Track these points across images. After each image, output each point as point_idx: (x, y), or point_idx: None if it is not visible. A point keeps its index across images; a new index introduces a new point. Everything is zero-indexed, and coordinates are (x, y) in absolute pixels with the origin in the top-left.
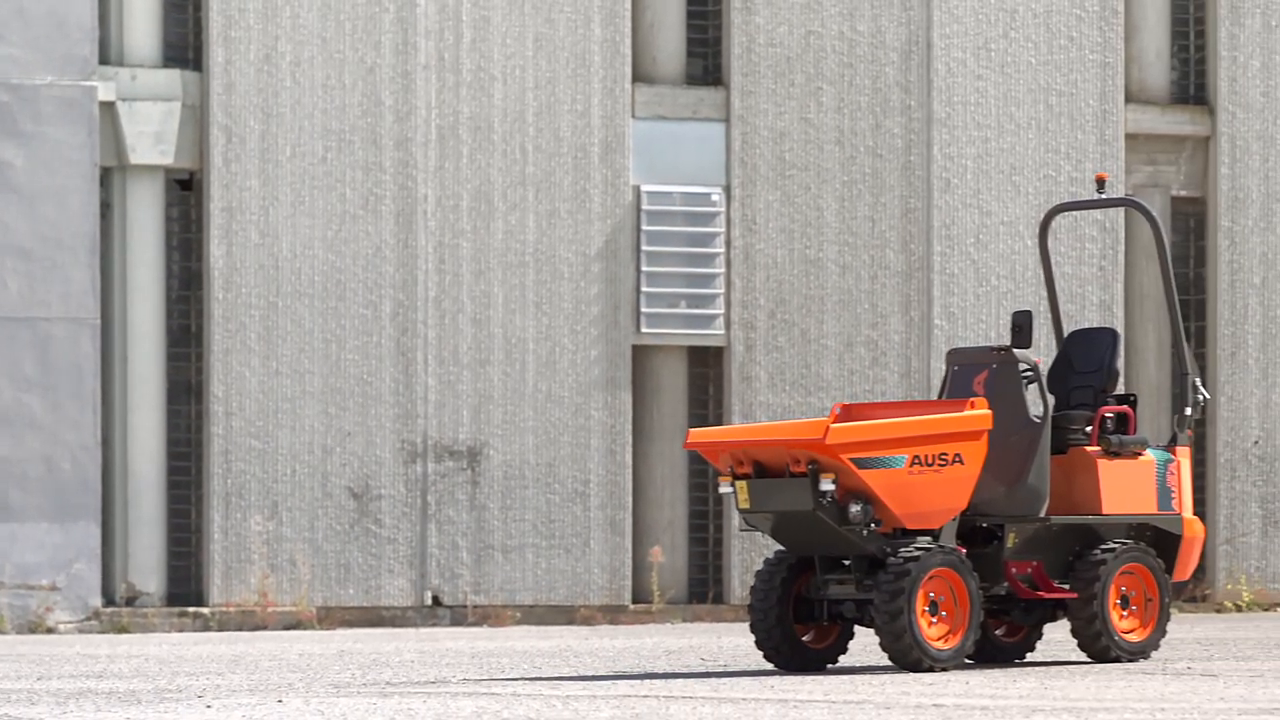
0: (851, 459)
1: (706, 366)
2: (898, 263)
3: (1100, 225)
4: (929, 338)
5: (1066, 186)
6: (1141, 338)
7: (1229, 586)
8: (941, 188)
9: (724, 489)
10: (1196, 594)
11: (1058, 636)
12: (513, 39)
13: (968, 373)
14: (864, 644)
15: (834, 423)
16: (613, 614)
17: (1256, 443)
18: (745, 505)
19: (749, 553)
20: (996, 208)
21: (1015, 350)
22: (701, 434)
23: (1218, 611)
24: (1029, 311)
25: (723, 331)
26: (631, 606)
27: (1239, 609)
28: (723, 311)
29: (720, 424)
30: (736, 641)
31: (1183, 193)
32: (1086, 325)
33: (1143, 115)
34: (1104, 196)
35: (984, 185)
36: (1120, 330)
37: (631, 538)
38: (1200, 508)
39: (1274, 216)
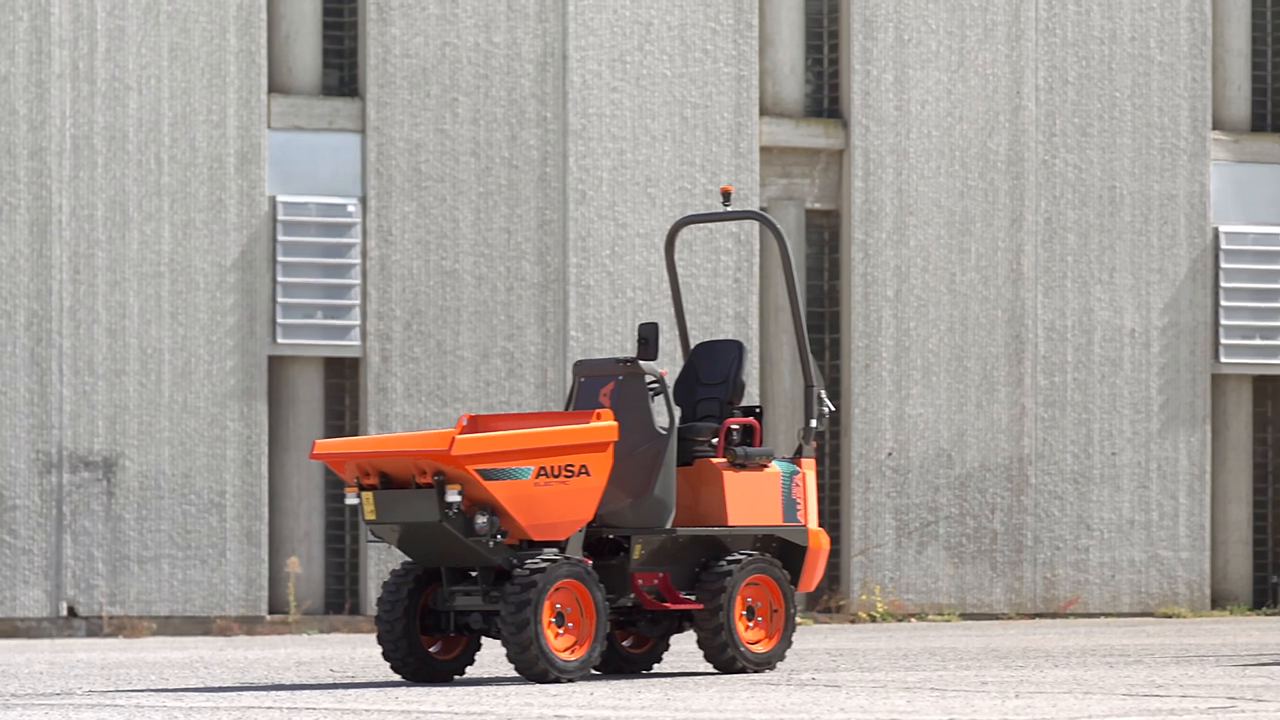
0: (477, 470)
1: (343, 377)
2: (534, 274)
3: (735, 238)
4: (565, 349)
5: (702, 199)
6: (776, 350)
7: (864, 597)
8: (577, 199)
9: (350, 500)
10: (831, 605)
11: (687, 648)
12: (148, 49)
13: (594, 384)
14: (493, 655)
15: (460, 434)
16: (249, 625)
17: (890, 454)
18: (372, 517)
19: (386, 563)
20: (632, 220)
21: (641, 362)
22: (327, 445)
23: (852, 622)
24: (655, 324)
25: (359, 343)
26: (268, 617)
27: (873, 620)
28: (359, 322)
29: (357, 435)
30: (369, 653)
31: (817, 205)
32: (720, 337)
33: (777, 128)
34: (730, 209)
35: (620, 197)
36: (755, 342)
37: (268, 548)
38: (835, 519)
39: (907, 230)
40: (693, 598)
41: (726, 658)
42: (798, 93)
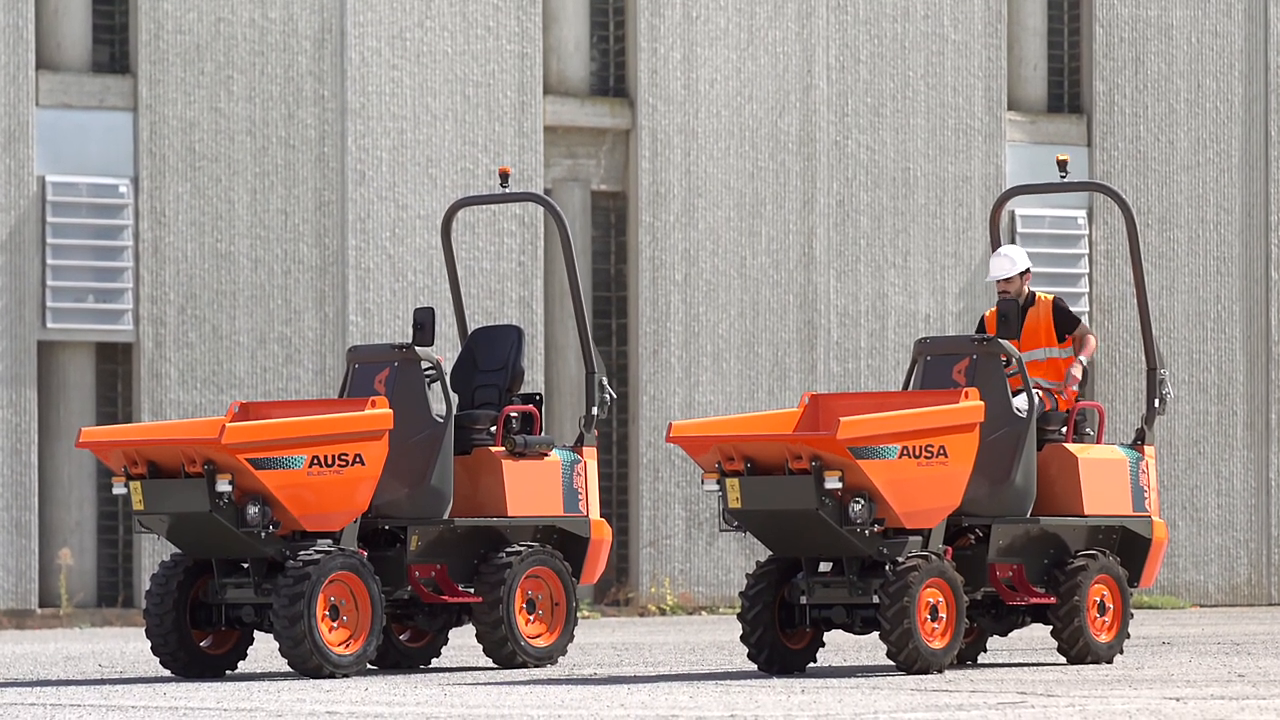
0: (248, 459)
1: (115, 363)
2: (312, 257)
3: (519, 220)
4: (344, 334)
5: (484, 180)
6: (562, 335)
7: (653, 590)
8: (356, 180)
9: (118, 490)
10: (620, 598)
11: (466, 642)
12: None
13: (369, 371)
14: (266, 649)
15: (231, 421)
16: (19, 618)
17: None
18: (140, 507)
19: (160, 555)
20: (413, 201)
21: (417, 348)
22: (94, 433)
23: (641, 615)
24: (431, 309)
25: (131, 327)
26: (39, 611)
27: (663, 613)
28: (131, 306)
29: (131, 422)
30: (140, 647)
31: (603, 187)
32: (501, 323)
33: (562, 107)
34: (509, 191)
35: (400, 178)
36: (540, 327)
37: (38, 539)
38: (623, 509)
39: (696, 212)
40: (471, 590)
41: (507, 652)
42: (583, 71)
